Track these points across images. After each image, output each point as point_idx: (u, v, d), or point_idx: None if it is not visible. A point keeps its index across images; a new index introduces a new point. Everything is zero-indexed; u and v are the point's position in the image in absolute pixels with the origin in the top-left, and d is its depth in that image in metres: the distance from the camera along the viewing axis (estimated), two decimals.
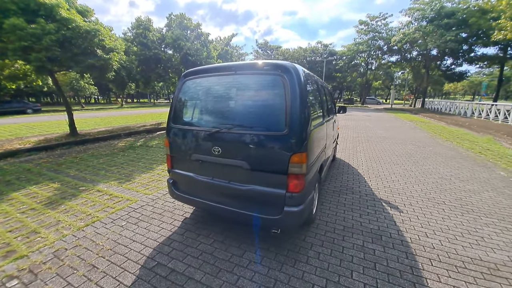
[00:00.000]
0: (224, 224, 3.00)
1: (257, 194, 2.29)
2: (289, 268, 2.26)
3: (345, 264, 2.34)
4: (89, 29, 5.84)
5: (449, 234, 2.89)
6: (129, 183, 4.40)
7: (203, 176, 2.59)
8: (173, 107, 2.74)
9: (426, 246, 2.65)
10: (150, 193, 3.97)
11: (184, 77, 2.72)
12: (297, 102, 2.08)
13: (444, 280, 2.16)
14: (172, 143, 2.76)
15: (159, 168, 5.35)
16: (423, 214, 3.38)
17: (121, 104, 35.46)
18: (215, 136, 2.37)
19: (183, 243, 2.64)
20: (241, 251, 2.51)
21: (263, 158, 2.20)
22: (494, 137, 9.83)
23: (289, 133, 2.08)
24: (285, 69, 2.14)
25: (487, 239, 2.78)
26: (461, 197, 3.97)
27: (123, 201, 3.68)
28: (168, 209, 3.43)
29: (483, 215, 3.35)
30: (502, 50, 22.03)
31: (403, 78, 49.31)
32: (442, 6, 23.54)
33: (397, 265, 2.33)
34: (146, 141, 8.58)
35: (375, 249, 2.58)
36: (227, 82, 2.47)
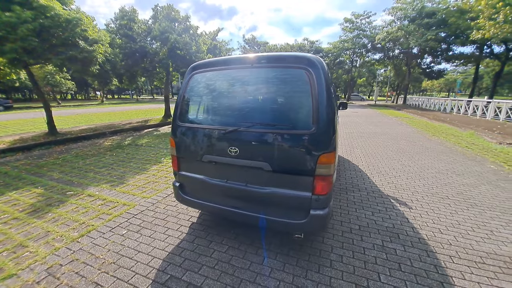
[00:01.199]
0: (236, 228, 2.81)
1: (279, 198, 2.13)
2: (314, 274, 2.13)
3: (370, 266, 2.25)
4: (69, 18, 5.27)
5: (460, 229, 2.91)
6: (123, 186, 4.06)
7: (216, 179, 2.38)
8: (179, 103, 2.48)
9: (443, 242, 2.63)
10: (148, 196, 3.67)
11: (191, 70, 2.47)
12: (325, 98, 1.92)
13: (468, 277, 2.13)
14: (179, 144, 2.50)
15: (153, 168, 5.01)
16: (431, 210, 3.39)
17: (101, 100, 33.59)
18: (231, 135, 2.16)
19: (195, 251, 2.42)
20: (260, 257, 2.34)
21: (287, 159, 2.03)
22: (476, 132, 10.37)
23: (317, 132, 1.92)
24: (311, 63, 1.97)
25: (496, 233, 2.83)
26: (462, 191, 4.06)
27: (119, 206, 3.36)
28: (172, 213, 3.17)
29: (486, 209, 3.43)
30: (478, 49, 23.36)
31: (385, 76, 51.09)
32: (423, 6, 24.45)
33: (421, 265, 2.28)
34: (134, 139, 8.09)
35: (396, 248, 2.52)
36: (244, 76, 2.25)
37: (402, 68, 33.68)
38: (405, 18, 26.49)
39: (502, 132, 9.87)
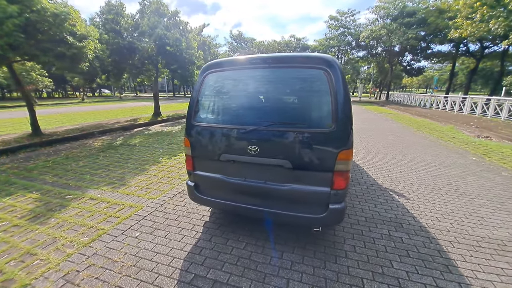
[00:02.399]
0: (250, 225, 2.86)
1: (298, 193, 2.21)
2: (333, 265, 2.25)
3: (381, 254, 2.41)
4: (57, 12, 4.95)
5: (455, 217, 3.16)
6: (125, 188, 3.96)
7: (234, 178, 2.41)
8: (194, 103, 2.46)
9: (442, 229, 2.86)
10: (154, 197, 3.62)
11: (205, 70, 2.46)
12: (343, 97, 2.01)
13: (469, 259, 2.35)
14: (194, 143, 2.50)
15: (153, 169, 4.92)
16: (427, 200, 3.64)
17: (82, 99, 31.92)
18: (251, 134, 2.20)
19: (214, 249, 2.45)
20: (279, 252, 2.42)
21: (307, 156, 2.11)
22: (455, 126, 11.09)
23: (336, 130, 2.01)
24: (329, 64, 2.05)
25: (486, 219, 3.11)
26: (451, 182, 4.38)
27: (126, 208, 3.29)
28: (182, 213, 3.16)
29: (475, 198, 3.73)
30: (455, 47, 24.75)
31: (368, 73, 52.76)
32: (404, 5, 25.44)
33: (426, 251, 2.47)
34: (126, 139, 7.84)
35: (402, 237, 2.70)
36: (261, 76, 2.28)
37: (385, 65, 34.96)
38: (388, 17, 27.46)
39: (478, 126, 10.62)
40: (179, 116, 13.17)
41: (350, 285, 2.02)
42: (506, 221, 3.03)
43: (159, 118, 11.55)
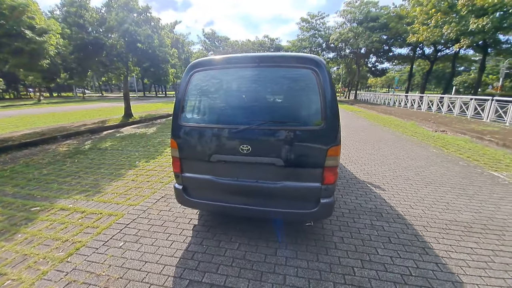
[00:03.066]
0: (240, 225, 2.85)
1: (291, 190, 2.26)
2: (324, 257, 2.34)
3: (367, 243, 2.57)
4: (14, 4, 4.34)
5: (425, 203, 3.49)
6: (101, 195, 3.67)
7: (225, 178, 2.38)
8: (180, 103, 2.37)
9: (416, 216, 3.14)
10: (135, 204, 3.41)
11: (192, 68, 2.38)
12: (330, 96, 2.10)
13: (441, 241, 2.62)
14: (182, 145, 2.41)
15: (130, 173, 4.62)
16: (400, 190, 3.97)
17: (38, 99, 28.69)
18: (243, 133, 2.19)
19: (207, 253, 2.39)
20: (272, 249, 2.45)
21: (299, 154, 2.16)
22: (416, 122, 12.24)
23: (325, 127, 2.10)
24: (318, 64, 2.12)
25: (451, 204, 3.49)
26: (417, 172, 4.82)
27: (104, 217, 3.05)
28: (168, 218, 3.03)
29: (439, 185, 4.16)
30: (412, 51, 27.25)
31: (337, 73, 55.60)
32: (368, 10, 27.30)
33: (405, 236, 2.69)
34: (95, 143, 7.24)
35: (383, 225, 2.91)
36: (251, 75, 2.28)
37: (352, 66, 37.17)
38: (354, 21, 29.20)
39: (435, 121, 11.84)
40: (153, 117, 12.54)
41: (342, 275, 2.12)
42: (468, 205, 3.44)
43: (130, 120, 10.86)
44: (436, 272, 2.16)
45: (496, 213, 3.21)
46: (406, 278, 2.09)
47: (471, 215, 3.16)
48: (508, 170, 4.97)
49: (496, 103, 10.84)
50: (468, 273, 2.15)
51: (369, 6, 27.63)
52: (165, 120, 12.31)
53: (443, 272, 2.16)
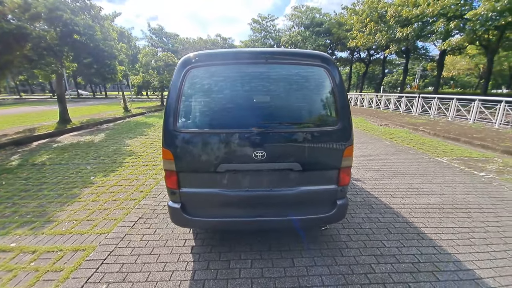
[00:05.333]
0: (246, 239, 2.59)
1: (308, 195, 2.13)
2: (341, 259, 2.30)
3: (372, 237, 2.65)
4: None
5: (401, 191, 3.87)
6: (54, 226, 2.85)
7: (234, 190, 2.09)
8: (174, 106, 1.96)
9: (399, 204, 3.43)
10: (107, 231, 2.76)
11: (186, 64, 2.00)
12: (343, 95, 2.06)
13: (428, 225, 2.90)
14: (180, 155, 2.00)
15: (86, 193, 3.77)
16: (376, 181, 4.31)
17: None
18: (258, 138, 1.95)
19: (219, 278, 2.06)
20: (288, 260, 2.29)
21: (317, 156, 2.05)
22: (364, 118, 13.81)
23: (341, 127, 2.04)
24: (329, 62, 2.04)
25: (420, 190, 3.95)
26: (383, 163, 5.36)
27: (68, 255, 2.36)
28: (157, 243, 2.54)
29: (404, 173, 4.69)
30: (351, 54, 30.77)
31: None
32: (313, 16, 29.58)
33: (399, 225, 2.89)
34: (26, 157, 5.72)
35: (377, 217, 3.08)
36: (259, 73, 2.04)
37: None
38: (302, 25, 31.24)
39: (378, 117, 13.58)
40: (97, 122, 10.75)
41: (364, 274, 2.12)
42: (432, 189, 3.95)
43: (69, 126, 9.04)
44: (437, 255, 2.36)
45: (455, 194, 3.77)
46: (418, 266, 2.22)
47: (439, 198, 3.63)
48: (446, 155, 5.98)
49: (422, 100, 13.08)
50: (460, 251, 2.41)
51: (314, 12, 29.96)
52: (113, 125, 10.71)
53: (442, 254, 2.38)
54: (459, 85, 48.55)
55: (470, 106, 10.55)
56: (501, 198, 3.63)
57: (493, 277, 2.07)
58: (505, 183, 4.22)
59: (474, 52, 23.21)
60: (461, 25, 15.04)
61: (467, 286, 1.98)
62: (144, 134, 8.52)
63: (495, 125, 9.25)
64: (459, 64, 34.11)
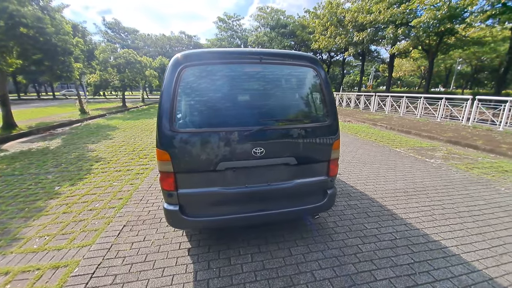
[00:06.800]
0: (242, 235, 2.64)
1: (303, 187, 2.28)
2: (332, 243, 2.52)
3: (355, 221, 2.95)
4: None
5: (371, 179, 4.32)
6: (23, 243, 2.51)
7: (234, 187, 2.13)
8: (170, 105, 1.91)
9: (371, 190, 3.84)
10: (89, 243, 2.54)
11: (180, 63, 1.96)
12: (330, 92, 2.26)
13: (398, 206, 3.32)
14: (179, 155, 1.97)
15: (54, 204, 3.37)
16: (349, 171, 4.73)
17: None
18: (256, 135, 2.02)
19: (222, 276, 2.09)
20: (286, 250, 2.41)
21: (310, 150, 2.21)
22: None
23: (330, 123, 2.24)
24: (317, 62, 2.22)
25: (387, 177, 4.47)
26: (353, 155, 5.88)
27: (48, 273, 2.11)
28: (149, 250, 2.43)
29: (371, 164, 5.23)
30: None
31: None
32: (279, 18, 30.50)
33: (375, 209, 3.26)
34: None
35: (356, 204, 3.41)
36: (255, 72, 2.11)
37: None
38: (267, 26, 31.93)
39: (341, 114, 14.67)
40: (49, 126, 9.51)
41: (354, 254, 2.36)
42: (396, 176, 4.49)
43: (15, 132, 7.83)
44: (409, 231, 2.74)
45: (415, 179, 4.36)
46: (395, 242, 2.55)
47: (403, 183, 4.16)
48: (402, 146, 6.81)
49: (378, 98, 14.54)
50: (426, 226, 2.84)
51: (278, 14, 30.88)
52: (69, 129, 9.60)
53: (412, 230, 2.77)
54: (405, 85, 55.10)
55: (416, 103, 12.11)
56: (450, 180, 4.32)
57: (456, 246, 2.50)
58: (451, 167, 5.02)
59: (417, 55, 26.63)
60: (406, 32, 17.13)
61: (436, 254, 2.36)
62: (109, 138, 7.85)
63: (437, 119, 10.81)
64: (405, 66, 38.70)
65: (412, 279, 2.06)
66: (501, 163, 5.38)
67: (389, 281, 2.03)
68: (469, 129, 8.83)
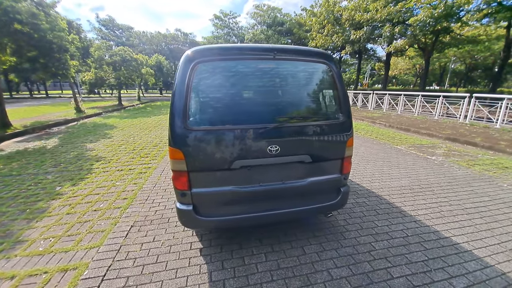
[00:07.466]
0: (254, 234, 2.61)
1: (317, 185, 2.25)
2: (345, 241, 2.51)
3: (365, 219, 2.94)
4: None
5: (376, 177, 4.33)
6: (28, 246, 2.43)
7: (248, 185, 2.09)
8: (183, 102, 1.85)
9: (377, 188, 3.85)
10: (97, 245, 2.47)
11: (193, 58, 1.90)
12: (344, 89, 2.23)
13: (405, 203, 3.33)
14: (193, 154, 1.91)
15: (57, 205, 3.28)
16: (353, 169, 4.73)
17: None
18: (272, 133, 1.98)
19: (237, 276, 2.05)
20: (299, 249, 2.39)
21: (325, 148, 2.19)
22: None
23: (344, 120, 2.21)
24: (330, 58, 2.19)
25: (391, 174, 4.48)
26: (355, 153, 5.88)
27: (57, 276, 2.05)
28: (160, 250, 2.38)
29: (375, 161, 5.25)
30: None
31: None
32: (275, 16, 30.38)
33: (384, 206, 3.26)
34: None
35: (364, 201, 3.40)
36: (269, 68, 2.06)
37: None
38: (264, 24, 31.78)
39: None
40: (45, 125, 9.29)
41: (368, 252, 2.35)
42: (400, 173, 4.51)
43: (9, 131, 7.62)
44: (420, 228, 2.74)
45: (419, 176, 4.39)
46: (407, 239, 2.55)
47: (407, 180, 4.18)
48: (403, 144, 6.86)
49: (376, 96, 14.63)
50: (436, 223, 2.85)
51: (275, 12, 30.76)
52: (66, 128, 9.39)
53: (423, 227, 2.78)
54: (400, 83, 55.62)
55: (414, 101, 12.22)
56: (453, 176, 4.36)
57: (467, 242, 2.51)
58: (453, 164, 5.07)
59: (412, 54, 26.88)
60: (403, 30, 17.24)
61: (449, 251, 2.37)
62: (108, 137, 7.71)
63: (435, 116, 10.94)
64: (400, 64, 39.04)
65: (428, 276, 2.06)
66: (500, 159, 5.46)
67: (406, 278, 2.02)
68: (467, 127, 8.95)
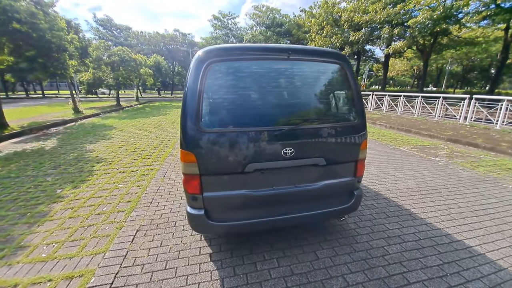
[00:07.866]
0: (264, 238, 2.55)
1: (330, 188, 2.20)
2: (358, 246, 2.46)
3: (375, 221, 2.90)
4: None
5: (382, 179, 4.30)
6: (31, 252, 2.34)
7: (261, 189, 2.04)
8: (196, 103, 1.79)
9: (385, 190, 3.81)
10: (104, 250, 2.39)
11: (205, 58, 1.84)
12: (358, 90, 2.19)
13: (414, 206, 3.30)
14: (205, 157, 1.85)
15: (58, 208, 3.19)
16: None
17: None
18: (287, 135, 1.92)
19: (250, 283, 1.99)
20: (311, 254, 2.34)
21: (339, 150, 2.14)
22: None
23: (359, 121, 2.17)
24: (345, 58, 2.14)
25: (398, 176, 4.45)
26: None
27: (61, 285, 1.96)
28: (169, 256, 2.31)
29: (379, 163, 5.22)
30: None
31: None
32: (274, 17, 30.42)
33: (393, 209, 3.22)
34: None
35: (372, 203, 3.36)
36: (284, 69, 2.01)
37: None
38: (263, 25, 31.80)
39: None
40: (43, 126, 9.13)
41: (382, 256, 2.30)
42: (406, 175, 4.49)
43: (6, 132, 7.48)
44: (431, 231, 2.70)
45: (425, 177, 4.37)
46: (420, 242, 2.51)
47: (413, 182, 4.15)
48: (405, 145, 6.85)
49: (375, 97, 14.68)
50: (447, 226, 2.82)
51: (274, 13, 30.81)
52: (64, 129, 9.24)
53: (434, 230, 2.74)
54: (397, 84, 56.08)
55: (414, 102, 12.27)
56: (459, 178, 4.34)
57: (479, 245, 2.48)
58: (457, 165, 5.06)
59: (410, 55, 27.08)
60: (402, 32, 17.35)
61: (463, 254, 2.33)
62: (107, 138, 7.59)
63: (435, 117, 10.98)
64: (397, 66, 39.34)
65: (445, 281, 2.02)
66: (503, 161, 5.47)
67: (423, 284, 1.98)
68: (467, 128, 9.00)
